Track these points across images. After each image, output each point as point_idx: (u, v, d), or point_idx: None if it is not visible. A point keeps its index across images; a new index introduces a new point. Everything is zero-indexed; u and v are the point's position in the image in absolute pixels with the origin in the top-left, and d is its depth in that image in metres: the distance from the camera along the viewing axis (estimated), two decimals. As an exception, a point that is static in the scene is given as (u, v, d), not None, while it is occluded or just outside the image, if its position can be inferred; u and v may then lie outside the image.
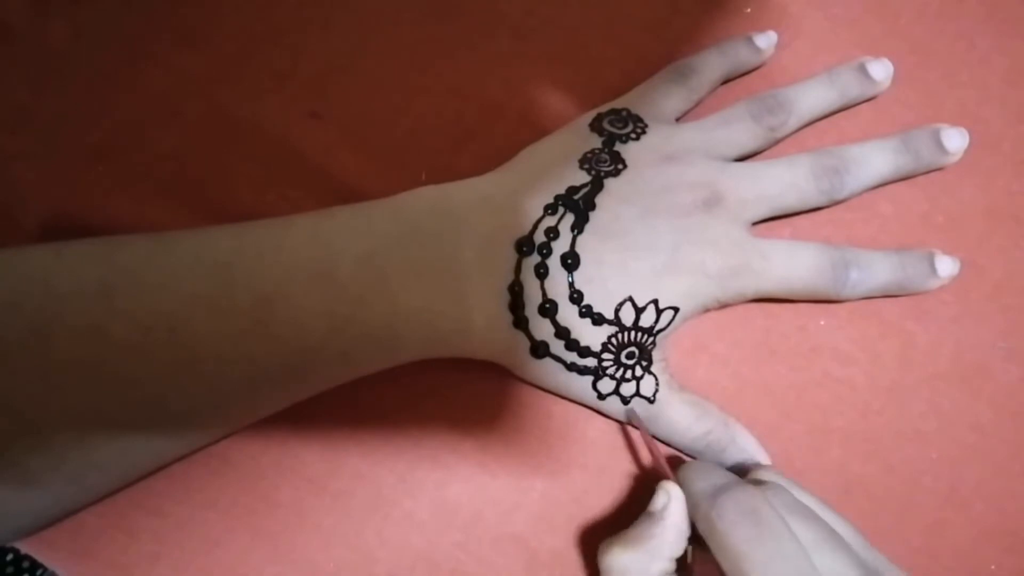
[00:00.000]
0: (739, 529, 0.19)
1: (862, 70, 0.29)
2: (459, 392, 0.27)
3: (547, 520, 0.26)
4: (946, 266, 0.27)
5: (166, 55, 0.31)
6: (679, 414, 0.25)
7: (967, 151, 0.28)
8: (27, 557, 0.25)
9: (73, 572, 0.26)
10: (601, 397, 0.25)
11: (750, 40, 0.29)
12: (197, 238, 0.24)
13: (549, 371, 0.25)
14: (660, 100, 0.28)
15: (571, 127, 0.28)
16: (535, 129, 0.29)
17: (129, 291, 0.22)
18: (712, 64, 0.29)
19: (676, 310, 0.25)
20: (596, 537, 0.26)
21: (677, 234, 0.25)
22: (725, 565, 0.19)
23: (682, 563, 0.22)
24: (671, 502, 0.22)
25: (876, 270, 0.26)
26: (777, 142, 0.28)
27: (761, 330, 0.27)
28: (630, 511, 0.26)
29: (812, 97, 0.28)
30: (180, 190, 0.29)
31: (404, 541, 0.26)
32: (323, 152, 0.29)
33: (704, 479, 0.21)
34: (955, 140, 0.28)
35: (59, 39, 0.31)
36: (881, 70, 0.29)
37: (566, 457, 0.27)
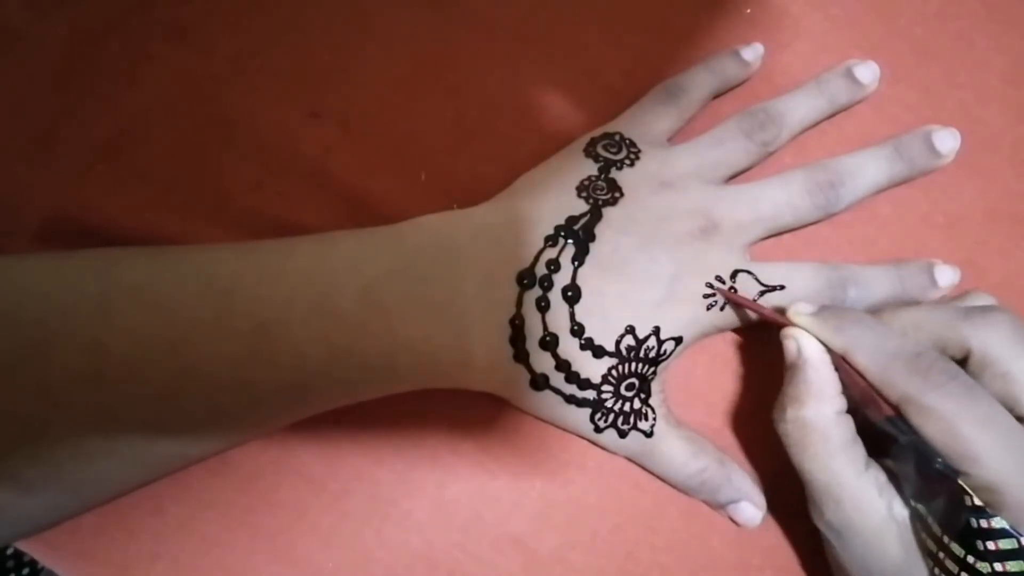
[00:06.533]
0: (949, 391, 0.20)
1: (849, 75, 0.28)
2: (459, 392, 0.27)
3: (546, 520, 0.26)
4: (946, 276, 0.26)
5: (166, 55, 0.31)
6: (675, 449, 0.25)
7: (967, 151, 0.28)
8: (26, 555, 0.26)
9: (73, 572, 0.26)
10: (598, 430, 0.25)
11: (736, 54, 0.29)
12: (198, 257, 0.24)
13: (548, 403, 0.25)
14: (651, 123, 0.28)
15: (566, 153, 0.27)
16: (535, 129, 0.29)
17: (129, 310, 0.22)
18: (700, 82, 0.29)
19: (678, 340, 0.25)
20: (596, 537, 0.26)
21: (676, 264, 0.25)
22: (931, 426, 0.20)
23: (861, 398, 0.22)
24: (801, 345, 0.23)
25: (874, 287, 0.26)
26: (771, 155, 0.28)
27: (762, 329, 0.27)
28: (630, 511, 0.26)
29: (802, 108, 0.28)
30: (179, 190, 0.29)
31: (403, 541, 0.26)
32: (322, 152, 0.29)
33: (886, 337, 0.22)
34: (947, 142, 0.27)
35: (59, 39, 0.31)
36: (868, 73, 0.28)
37: (566, 457, 0.27)
